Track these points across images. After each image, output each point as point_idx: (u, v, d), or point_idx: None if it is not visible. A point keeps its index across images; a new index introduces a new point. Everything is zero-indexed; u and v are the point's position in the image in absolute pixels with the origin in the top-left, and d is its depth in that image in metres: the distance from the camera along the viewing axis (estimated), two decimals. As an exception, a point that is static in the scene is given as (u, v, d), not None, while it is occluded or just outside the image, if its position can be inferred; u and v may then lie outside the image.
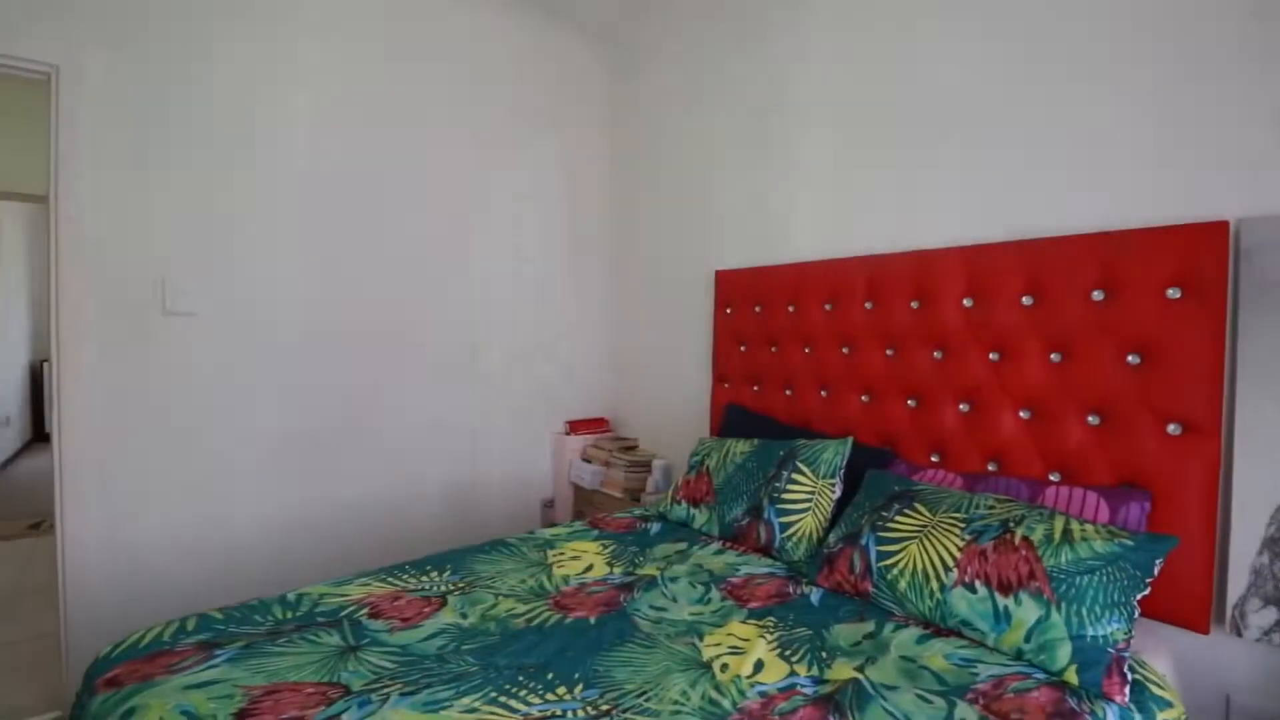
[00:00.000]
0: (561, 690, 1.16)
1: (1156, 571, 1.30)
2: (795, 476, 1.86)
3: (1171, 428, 1.48)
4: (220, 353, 2.24)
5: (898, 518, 1.56)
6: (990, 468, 1.77)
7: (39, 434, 6.32)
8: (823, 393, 2.19)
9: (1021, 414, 1.73)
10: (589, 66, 3.21)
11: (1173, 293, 1.48)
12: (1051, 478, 1.66)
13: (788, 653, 1.30)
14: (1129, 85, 1.58)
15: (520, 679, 1.19)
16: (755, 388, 2.43)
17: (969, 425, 1.82)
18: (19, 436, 5.83)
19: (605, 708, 1.11)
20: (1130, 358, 1.55)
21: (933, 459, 1.89)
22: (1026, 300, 1.71)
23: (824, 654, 1.30)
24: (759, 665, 1.25)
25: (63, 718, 2.01)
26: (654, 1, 2.90)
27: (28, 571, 3.20)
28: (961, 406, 1.84)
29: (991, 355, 1.78)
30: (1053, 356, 1.67)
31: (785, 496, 1.83)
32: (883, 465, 1.89)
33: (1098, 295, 1.59)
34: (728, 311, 2.54)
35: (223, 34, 2.21)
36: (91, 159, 2.01)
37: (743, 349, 2.49)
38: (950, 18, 1.91)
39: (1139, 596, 1.27)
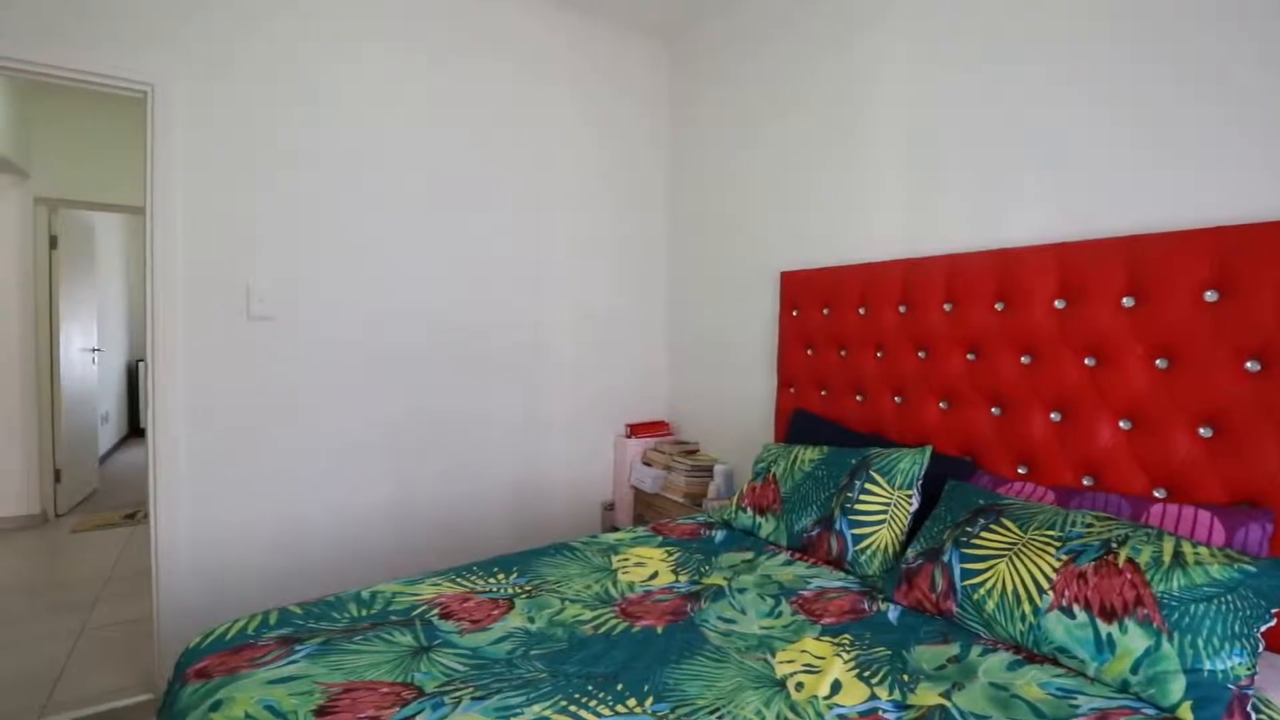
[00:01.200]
0: (632, 702, 1.13)
1: (1285, 601, 1.17)
2: (869, 487, 1.78)
3: (1299, 442, 1.34)
4: (296, 357, 2.33)
5: (983, 534, 1.47)
6: (1086, 482, 1.65)
7: (134, 429, 6.78)
8: (896, 399, 2.09)
9: (1121, 424, 1.60)
10: (650, 66, 3.19)
11: (1301, 293, 1.34)
12: (1156, 494, 1.53)
13: (866, 674, 1.24)
14: (1239, 78, 1.44)
15: (590, 688, 1.17)
16: (823, 393, 2.35)
17: (1061, 435, 1.70)
18: (116, 432, 6.27)
19: (677, 723, 1.08)
20: (1249, 364, 1.41)
21: (1019, 471, 1.77)
22: (1127, 301, 1.58)
23: (906, 677, 1.23)
24: (836, 686, 1.19)
25: (155, 700, 2.12)
26: (718, 2, 2.86)
27: (123, 559, 3.41)
28: (1052, 415, 1.72)
29: (1087, 360, 1.66)
30: (1158, 362, 1.54)
31: (858, 507, 1.75)
32: (963, 477, 1.79)
33: (1211, 296, 1.46)
34: (794, 314, 2.47)
35: (300, 55, 2.30)
36: (183, 173, 2.13)
37: (809, 352, 2.41)
38: (1039, 8, 1.79)
39: (1263, 628, 1.15)
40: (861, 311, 2.20)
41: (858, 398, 2.22)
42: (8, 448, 3.82)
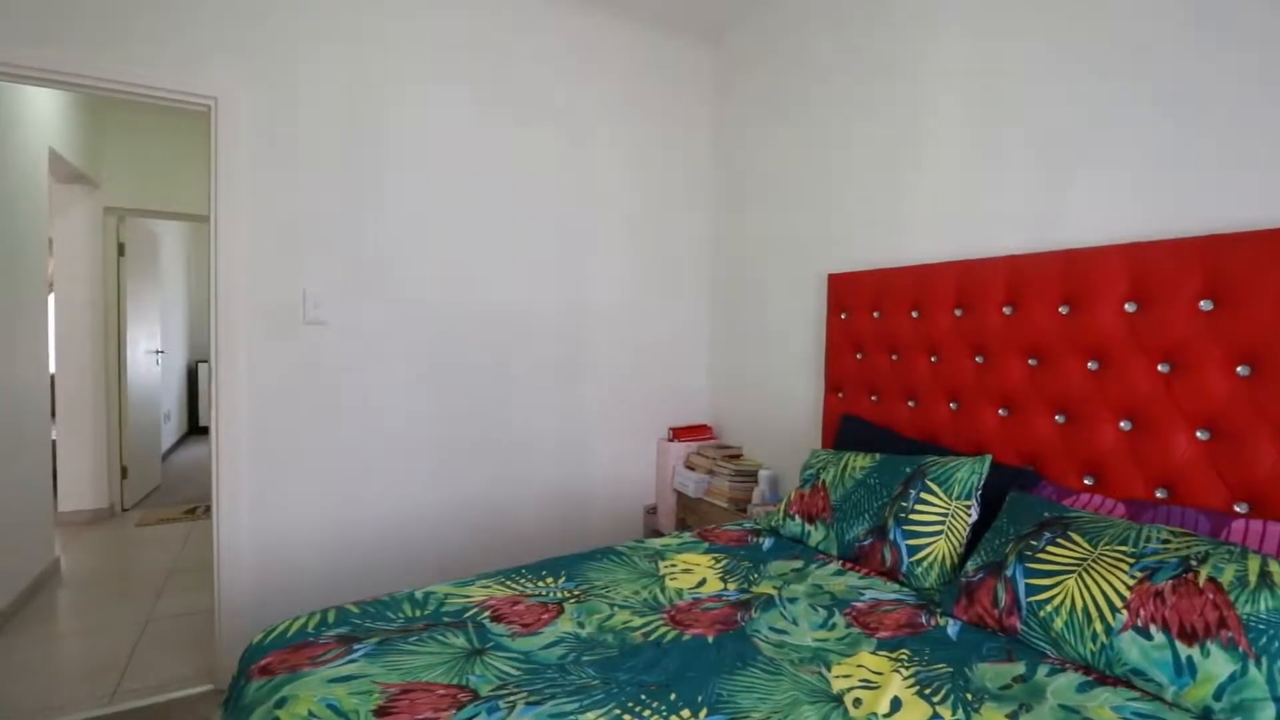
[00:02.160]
0: (686, 713, 1.12)
1: (1390, 629, 1.09)
2: (925, 496, 1.72)
3: (1405, 457, 1.24)
4: (346, 360, 2.39)
5: (1049, 548, 1.41)
6: (1159, 494, 1.57)
7: (192, 427, 7.08)
8: (952, 405, 2.03)
9: (1199, 434, 1.51)
10: (694, 68, 3.18)
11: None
12: (1238, 509, 1.45)
13: (927, 691, 1.20)
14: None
15: (643, 697, 1.16)
16: (873, 398, 2.30)
17: (1131, 445, 1.62)
18: (177, 430, 6.55)
19: (733, 736, 1.06)
20: (1345, 372, 1.32)
21: (1086, 482, 1.70)
22: (1205, 304, 1.50)
23: (969, 696, 1.19)
24: (896, 704, 1.16)
25: (215, 691, 2.20)
26: (762, 4, 2.82)
27: (184, 552, 3.56)
28: (1122, 424, 1.64)
29: (1160, 367, 1.58)
30: (1239, 370, 1.45)
31: (914, 517, 1.70)
32: (1025, 487, 1.72)
33: (1301, 299, 1.37)
34: (842, 317, 2.42)
35: (354, 68, 2.36)
36: (245, 183, 2.20)
37: (859, 357, 2.36)
38: (1106, -8, 1.72)
39: (1363, 656, 1.07)
40: (914, 314, 2.14)
41: (910, 403, 2.16)
42: (80, 445, 4.03)
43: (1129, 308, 1.63)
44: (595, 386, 2.96)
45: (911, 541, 1.68)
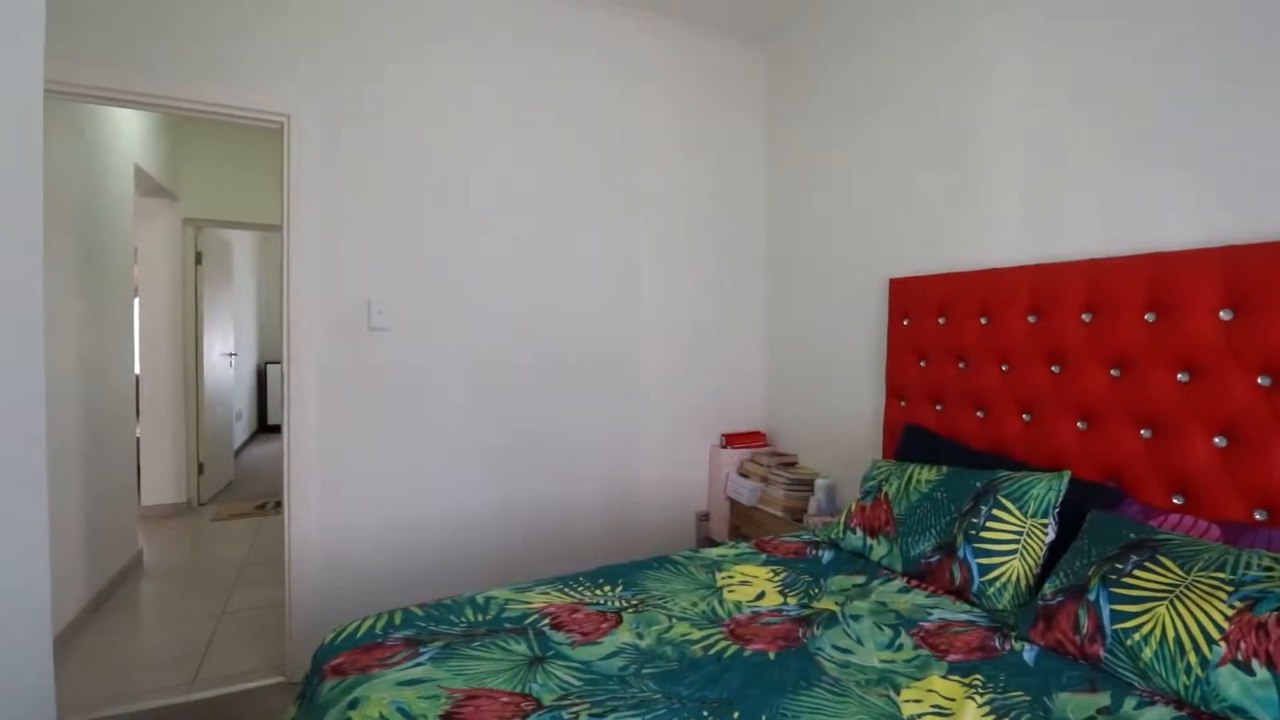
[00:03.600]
0: (750, 732, 1.10)
1: None
2: (997, 513, 1.65)
3: None
4: (408, 366, 2.46)
5: (1137, 572, 1.33)
6: (1258, 516, 1.46)
7: (261, 426, 7.41)
8: (1025, 416, 1.94)
9: (1306, 453, 1.40)
10: (748, 70, 3.14)
11: None
12: (1352, 535, 1.33)
13: (1005, 720, 1.14)
14: None
15: (705, 714, 1.14)
16: (938, 407, 2.22)
17: (1227, 462, 1.51)
18: (248, 428, 6.87)
19: (800, 759, 1.03)
20: None
21: (1175, 501, 1.59)
22: (1314, 313, 1.39)
23: (1050, 727, 1.13)
24: (972, 732, 1.11)
25: (285, 683, 2.29)
26: (820, 4, 2.77)
27: (254, 546, 3.72)
28: (1216, 440, 1.53)
29: (1260, 379, 1.46)
30: (1354, 383, 1.34)
31: (985, 535, 1.63)
32: (1106, 505, 1.63)
33: None
34: (904, 322, 2.35)
35: (416, 86, 2.44)
36: (315, 196, 2.29)
37: (922, 364, 2.28)
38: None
39: None
40: (983, 321, 2.06)
41: (978, 413, 2.08)
42: (161, 442, 4.27)
43: (1224, 315, 1.52)
44: (647, 391, 2.96)
45: (983, 560, 1.61)
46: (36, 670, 1.21)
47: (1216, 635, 1.16)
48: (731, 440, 3.07)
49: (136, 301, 3.78)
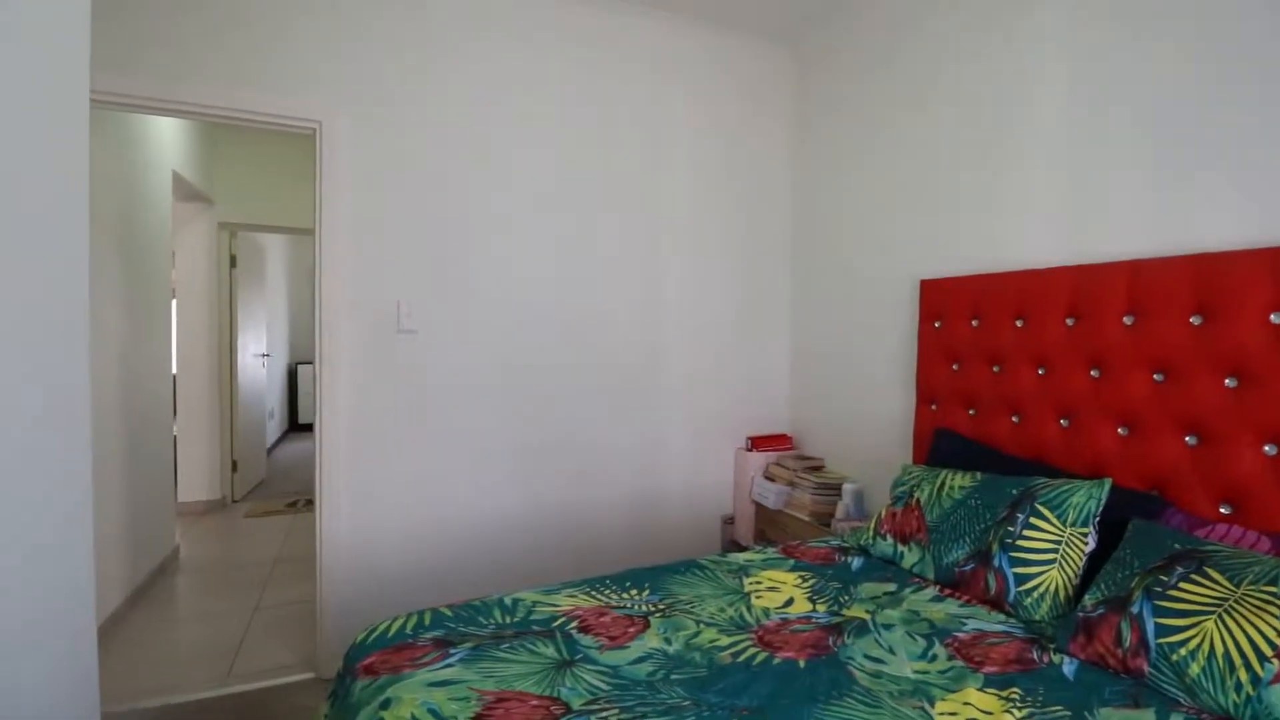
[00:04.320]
0: (781, 742, 1.09)
1: None
2: (1034, 521, 1.61)
3: None
4: (435, 368, 2.49)
5: (1182, 584, 1.28)
6: (1313, 528, 1.40)
7: (292, 425, 7.56)
8: (1062, 422, 1.89)
9: (1365, 463, 1.34)
10: (775, 70, 3.11)
11: None
12: None
13: (1045, 736, 1.11)
14: None
15: (735, 722, 1.13)
16: (970, 412, 2.17)
17: (1277, 471, 1.45)
18: (279, 427, 7.01)
19: (832, 771, 1.02)
20: None
21: (1222, 511, 1.54)
22: (1373, 317, 1.33)
23: (1093, 744, 1.10)
24: (1010, 747, 1.08)
25: (315, 680, 2.32)
26: (852, 5, 2.74)
27: (286, 543, 3.79)
28: (1266, 448, 1.47)
29: (1316, 386, 1.41)
30: None
31: (1022, 544, 1.59)
32: (1149, 514, 1.58)
33: None
34: (935, 325, 2.31)
35: (444, 92, 2.46)
36: (347, 200, 2.33)
37: (955, 367, 2.24)
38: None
39: None
40: (1019, 323, 2.01)
41: (1013, 418, 2.03)
42: (197, 440, 4.38)
43: (1275, 319, 1.47)
44: (673, 393, 2.95)
45: (1020, 570, 1.57)
46: (82, 661, 1.24)
47: (1269, 652, 1.12)
48: (757, 443, 3.04)
49: (174, 303, 3.88)
